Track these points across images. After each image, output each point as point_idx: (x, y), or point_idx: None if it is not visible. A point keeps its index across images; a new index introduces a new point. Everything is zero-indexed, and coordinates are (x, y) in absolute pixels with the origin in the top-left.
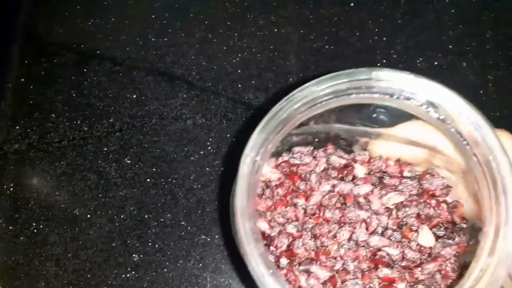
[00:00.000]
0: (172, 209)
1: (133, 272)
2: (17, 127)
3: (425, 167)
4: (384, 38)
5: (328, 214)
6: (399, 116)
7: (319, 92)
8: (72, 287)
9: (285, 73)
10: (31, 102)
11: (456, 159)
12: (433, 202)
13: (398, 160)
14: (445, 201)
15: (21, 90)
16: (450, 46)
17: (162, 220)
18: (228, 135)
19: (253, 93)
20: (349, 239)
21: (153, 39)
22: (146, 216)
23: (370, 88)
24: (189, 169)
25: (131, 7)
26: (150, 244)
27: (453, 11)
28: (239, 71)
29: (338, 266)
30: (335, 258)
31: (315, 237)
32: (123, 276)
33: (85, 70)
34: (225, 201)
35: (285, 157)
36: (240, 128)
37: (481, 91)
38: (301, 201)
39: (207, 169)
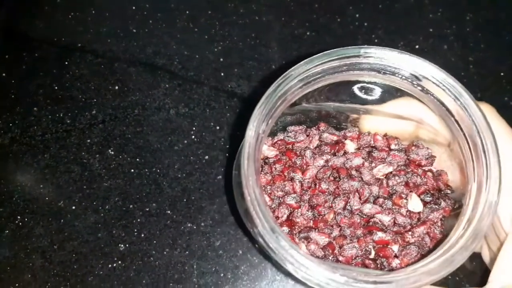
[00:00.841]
0: (157, 199)
1: (120, 262)
2: (0, 122)
3: (412, 141)
4: (365, 23)
5: (323, 186)
6: (386, 92)
7: (313, 70)
8: (58, 278)
9: (267, 61)
10: (13, 96)
11: (441, 131)
12: (420, 171)
13: (385, 135)
14: (430, 170)
15: (2, 84)
16: (431, 30)
17: (147, 209)
18: (212, 124)
19: (236, 81)
20: (344, 208)
21: (134, 30)
22: (131, 206)
23: (359, 65)
24: (173, 159)
25: None
26: (136, 233)
27: None
28: (221, 59)
29: (335, 233)
30: (332, 226)
31: (312, 207)
32: (110, 266)
33: (66, 63)
34: (210, 189)
35: (280, 136)
36: (223, 116)
37: (462, 73)
38: (297, 175)
39: (191, 158)
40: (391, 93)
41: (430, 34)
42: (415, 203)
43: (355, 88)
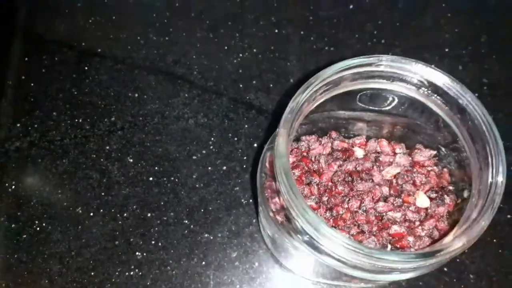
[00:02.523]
0: (175, 208)
1: (137, 270)
2: (18, 125)
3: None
4: (383, 41)
5: (340, 188)
6: (393, 100)
7: (331, 77)
8: (76, 285)
9: (286, 74)
10: (32, 99)
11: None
12: (424, 171)
13: (390, 141)
14: (433, 170)
15: (21, 87)
16: (447, 50)
17: (165, 218)
18: (230, 135)
19: (254, 93)
20: (359, 207)
21: (154, 38)
22: (149, 215)
23: (371, 73)
24: (191, 168)
25: (131, 5)
26: (153, 242)
27: (449, 15)
28: (240, 71)
29: (353, 231)
30: (350, 224)
31: (330, 208)
32: (127, 274)
33: (86, 68)
34: (227, 200)
35: (295, 145)
36: (242, 127)
37: (476, 94)
38: (315, 179)
39: (209, 168)
40: (396, 99)
41: (446, 54)
42: (422, 200)
43: (363, 96)
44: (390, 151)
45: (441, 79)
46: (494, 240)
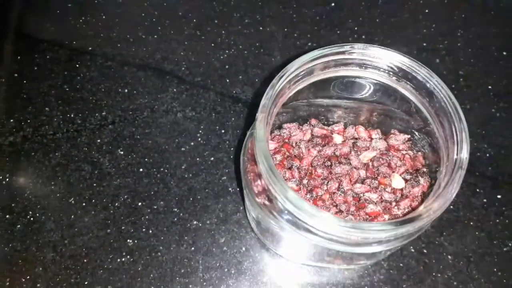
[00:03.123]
0: (165, 197)
1: (128, 257)
2: (12, 120)
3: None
4: (363, 36)
5: (319, 171)
6: (366, 86)
7: (306, 65)
8: (69, 272)
9: (270, 69)
10: (24, 96)
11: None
12: (399, 154)
13: (366, 127)
14: (408, 153)
15: (14, 84)
16: (424, 44)
17: (155, 207)
18: (217, 127)
19: (241, 87)
20: (337, 189)
21: (143, 36)
22: (139, 204)
23: (344, 60)
24: (180, 159)
25: (121, 5)
26: (144, 230)
27: (427, 11)
28: (227, 66)
29: (332, 211)
30: (329, 205)
31: (310, 190)
32: (119, 260)
33: (77, 65)
34: (215, 189)
35: (277, 132)
36: (229, 120)
37: (453, 85)
38: (295, 163)
39: (198, 159)
40: (371, 86)
41: (424, 48)
42: (397, 181)
43: (339, 84)
44: (367, 136)
45: (408, 64)
46: (471, 223)
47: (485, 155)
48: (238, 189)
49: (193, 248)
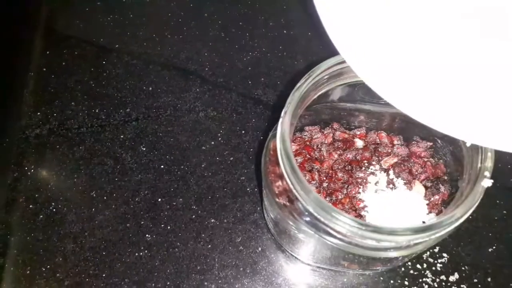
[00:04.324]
0: (184, 194)
1: (146, 251)
2: (39, 113)
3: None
4: None
5: (340, 174)
6: None
7: (332, 68)
8: (88, 263)
9: (293, 72)
10: (52, 90)
11: None
12: (421, 161)
13: (388, 133)
14: (429, 160)
15: (42, 79)
16: None
17: (174, 203)
18: (238, 128)
19: (262, 89)
20: (357, 193)
21: (169, 36)
22: (159, 200)
23: None
24: (200, 158)
25: (148, 5)
26: (162, 225)
27: None
28: (250, 68)
29: (351, 214)
30: (348, 209)
31: (330, 194)
32: (137, 254)
33: (104, 62)
34: (233, 188)
35: (298, 135)
36: (249, 121)
37: None
38: (316, 166)
39: (217, 158)
40: None
41: None
42: (418, 188)
43: (363, 89)
44: (388, 142)
45: None
46: (490, 234)
47: (507, 166)
48: (256, 189)
49: (209, 246)
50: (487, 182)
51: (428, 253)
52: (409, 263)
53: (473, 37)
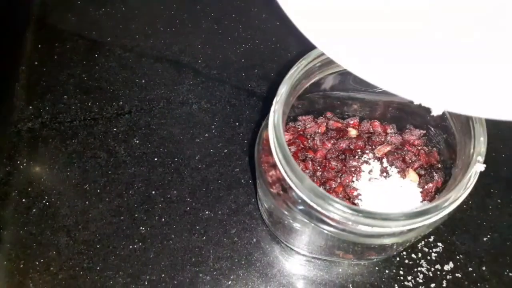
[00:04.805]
0: (178, 186)
1: (140, 244)
2: (31, 107)
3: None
4: None
5: (333, 163)
6: None
7: (323, 56)
8: (82, 256)
9: (286, 64)
10: (44, 84)
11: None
12: (414, 149)
13: (382, 121)
14: (423, 148)
15: (34, 72)
16: None
17: (168, 196)
18: (232, 120)
19: (256, 81)
20: (350, 181)
21: (161, 29)
22: (153, 192)
23: None
24: (194, 150)
25: None
26: (156, 218)
27: None
28: (243, 60)
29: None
30: (341, 198)
31: (324, 183)
32: (131, 247)
33: (96, 55)
34: (228, 180)
35: (291, 124)
36: (243, 113)
37: None
38: (310, 155)
39: (211, 150)
40: None
41: None
42: (412, 176)
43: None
44: (382, 131)
45: None
46: (484, 223)
47: (501, 156)
48: (250, 181)
49: (204, 238)
50: (480, 167)
51: (423, 242)
52: (404, 253)
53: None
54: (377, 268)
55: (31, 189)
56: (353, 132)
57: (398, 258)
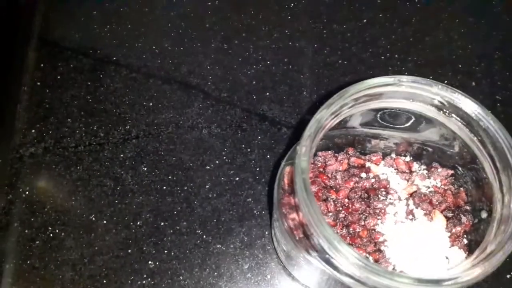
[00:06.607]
0: (188, 217)
1: (149, 279)
2: (33, 131)
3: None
4: (396, 55)
5: (357, 205)
6: (410, 118)
7: (354, 96)
8: None
9: (299, 86)
10: (47, 106)
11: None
12: (440, 190)
13: (405, 158)
14: (449, 189)
15: (36, 93)
16: (460, 66)
17: (177, 228)
18: (243, 146)
19: (268, 104)
20: (375, 225)
21: (169, 48)
22: (162, 224)
23: (392, 93)
24: (204, 178)
25: (146, 14)
26: (166, 251)
27: (462, 31)
28: (254, 82)
29: (369, 248)
30: (366, 242)
31: (347, 226)
32: (139, 282)
33: (101, 76)
34: (240, 211)
35: (311, 160)
36: (255, 139)
37: (489, 111)
38: (332, 196)
39: (222, 178)
40: (415, 118)
41: (459, 70)
42: (438, 219)
43: (382, 114)
44: (406, 169)
45: (462, 101)
46: (507, 276)
47: None
48: (263, 212)
49: (216, 273)
50: None
51: None
52: None
53: None
54: None
55: (34, 219)
56: (376, 170)
57: None
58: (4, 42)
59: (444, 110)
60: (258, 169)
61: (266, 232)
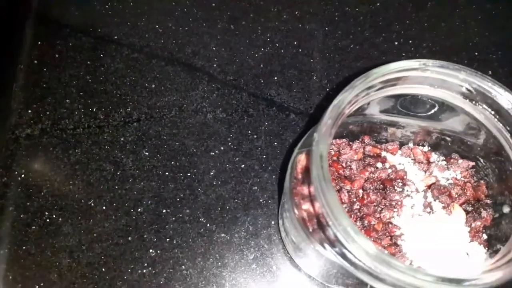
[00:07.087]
0: (191, 205)
1: (150, 268)
2: (29, 111)
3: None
4: (410, 41)
5: (372, 196)
6: (433, 106)
7: (376, 80)
8: (86, 280)
9: (309, 71)
10: (44, 85)
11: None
12: (460, 182)
13: (423, 149)
14: (469, 181)
15: (34, 72)
16: (476, 53)
17: (180, 215)
18: (249, 132)
19: (276, 89)
20: (391, 217)
21: (173, 27)
22: (164, 211)
23: (415, 78)
24: (208, 165)
25: None
26: (167, 240)
27: (479, 17)
28: (262, 66)
29: (384, 242)
30: (381, 236)
31: (361, 218)
32: (139, 271)
33: (101, 55)
34: (245, 199)
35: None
36: (261, 125)
37: None
38: (346, 186)
39: (227, 165)
40: (438, 106)
41: (475, 58)
42: (458, 213)
43: (402, 101)
44: (424, 159)
45: (494, 89)
46: None
47: None
48: (270, 201)
49: (219, 263)
50: None
51: None
52: None
53: None
54: None
55: (30, 203)
56: (392, 159)
57: None
58: (1, 19)
59: (471, 98)
60: (264, 156)
61: (272, 222)
